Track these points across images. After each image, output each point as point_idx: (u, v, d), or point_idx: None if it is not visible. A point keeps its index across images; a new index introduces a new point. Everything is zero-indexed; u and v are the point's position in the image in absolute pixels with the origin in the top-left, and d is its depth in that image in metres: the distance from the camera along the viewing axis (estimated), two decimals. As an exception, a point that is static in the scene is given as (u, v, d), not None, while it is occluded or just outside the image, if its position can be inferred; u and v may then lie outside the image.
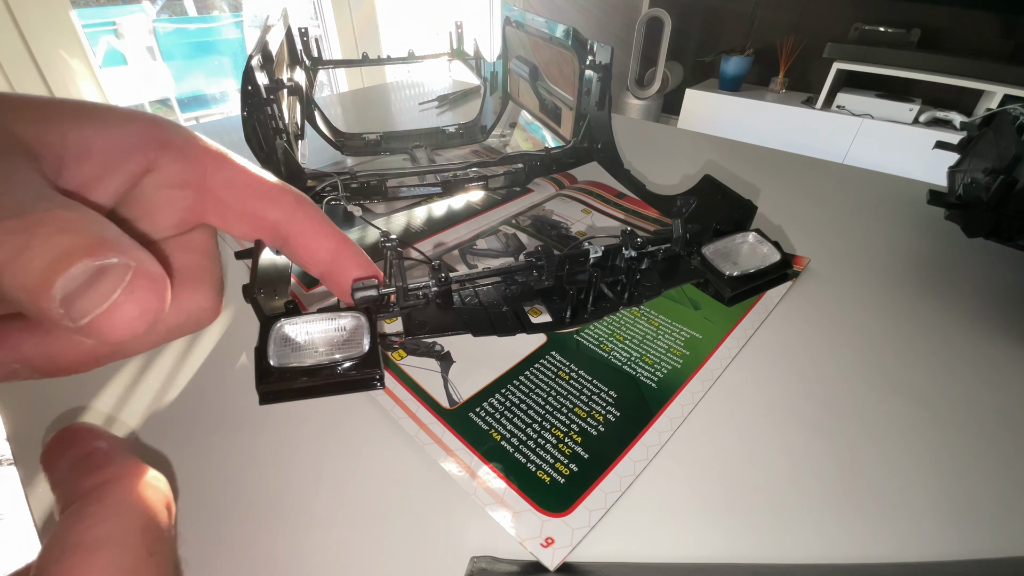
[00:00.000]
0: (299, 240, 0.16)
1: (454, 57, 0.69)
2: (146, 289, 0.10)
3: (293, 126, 0.48)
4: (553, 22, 0.47)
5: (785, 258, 0.27)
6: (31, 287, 0.09)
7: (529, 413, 0.26)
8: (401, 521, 0.22)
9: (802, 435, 0.26)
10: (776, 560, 0.21)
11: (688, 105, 2.14)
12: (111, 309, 0.09)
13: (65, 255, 0.09)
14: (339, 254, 0.16)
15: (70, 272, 0.09)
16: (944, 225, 0.45)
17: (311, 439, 0.25)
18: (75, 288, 0.09)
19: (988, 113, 0.42)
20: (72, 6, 1.11)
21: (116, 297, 0.09)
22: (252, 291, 0.16)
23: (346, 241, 0.17)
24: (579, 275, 0.24)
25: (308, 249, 0.16)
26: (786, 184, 0.54)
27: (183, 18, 1.62)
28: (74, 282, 0.09)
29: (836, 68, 1.82)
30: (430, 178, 0.45)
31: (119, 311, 0.09)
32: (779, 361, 0.30)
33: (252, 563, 0.20)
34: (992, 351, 0.31)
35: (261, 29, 0.44)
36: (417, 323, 0.20)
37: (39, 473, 0.23)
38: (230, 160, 0.15)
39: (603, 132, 0.46)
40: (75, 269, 0.09)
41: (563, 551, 0.20)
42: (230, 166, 0.14)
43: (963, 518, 0.22)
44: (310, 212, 0.16)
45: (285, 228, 0.15)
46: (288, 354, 0.16)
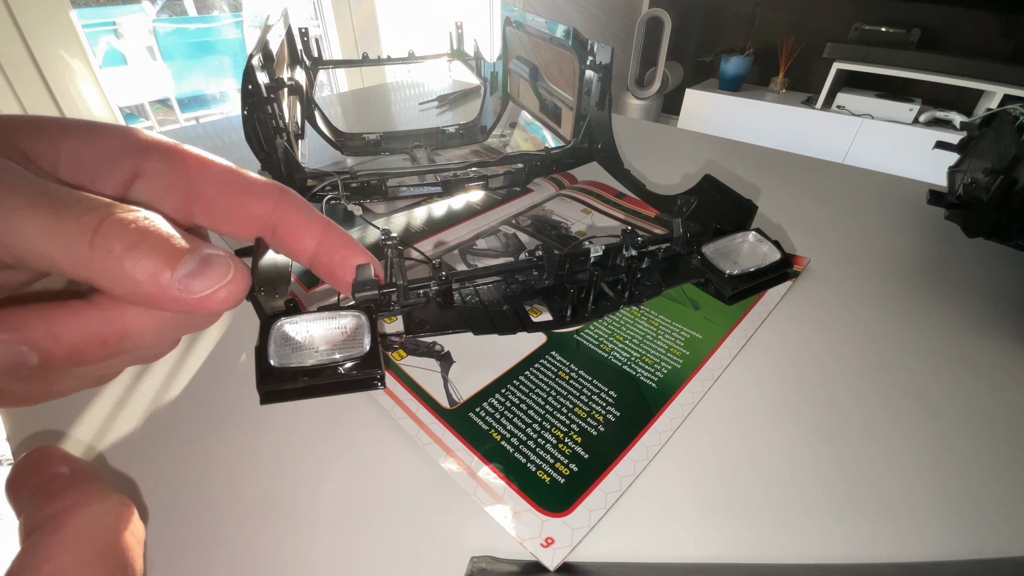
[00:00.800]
0: (284, 230, 0.16)
1: (454, 57, 0.69)
2: (240, 271, 0.13)
3: (293, 126, 0.48)
4: (553, 22, 0.47)
5: (785, 257, 0.27)
6: (155, 270, 0.11)
7: (529, 413, 0.26)
8: (401, 521, 0.22)
9: (802, 435, 0.26)
10: (776, 560, 0.21)
11: (688, 105, 2.14)
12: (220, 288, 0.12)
13: (184, 246, 0.12)
14: (325, 239, 0.16)
15: (185, 260, 0.12)
16: (944, 225, 0.45)
17: (311, 439, 0.25)
18: (192, 271, 0.12)
19: (988, 113, 0.42)
20: (72, 6, 1.11)
21: (229, 278, 0.12)
22: (252, 290, 0.16)
23: (331, 226, 0.17)
24: (579, 274, 0.24)
25: (294, 237, 0.16)
26: (786, 184, 0.54)
27: (183, 18, 1.62)
28: (190, 267, 0.12)
29: (836, 68, 1.82)
30: (430, 178, 0.45)
31: (224, 289, 0.12)
32: (779, 361, 0.30)
33: (252, 563, 0.20)
34: (992, 351, 0.31)
35: (261, 29, 0.44)
36: (418, 322, 0.20)
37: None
38: (211, 161, 0.15)
39: (603, 132, 0.46)
40: (189, 256, 0.12)
41: (563, 551, 0.20)
42: (211, 166, 0.15)
43: (963, 518, 0.22)
44: (293, 202, 0.16)
45: (271, 220, 0.16)
46: (289, 354, 0.16)
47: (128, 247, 0.11)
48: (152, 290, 0.11)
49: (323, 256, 0.17)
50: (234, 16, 1.72)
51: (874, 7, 1.85)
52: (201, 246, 0.12)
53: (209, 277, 0.12)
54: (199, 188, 0.15)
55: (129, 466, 0.24)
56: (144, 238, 0.11)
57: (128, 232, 0.11)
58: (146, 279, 0.11)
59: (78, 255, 0.11)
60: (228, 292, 0.12)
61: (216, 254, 0.12)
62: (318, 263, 0.17)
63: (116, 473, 0.24)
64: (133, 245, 0.11)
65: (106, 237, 0.11)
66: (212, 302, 0.12)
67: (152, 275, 0.11)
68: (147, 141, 0.14)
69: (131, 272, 0.11)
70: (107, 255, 0.11)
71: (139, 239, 0.11)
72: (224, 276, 0.12)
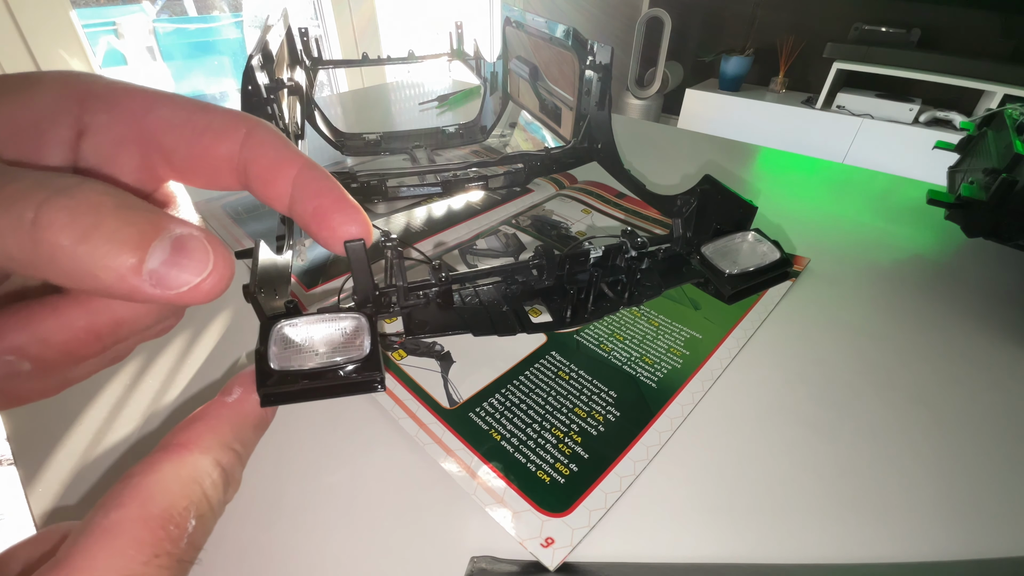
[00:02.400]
0: (254, 172, 0.13)
1: (454, 57, 0.69)
2: (222, 255, 0.11)
3: (293, 126, 0.48)
4: (553, 22, 0.47)
5: (785, 256, 0.27)
6: (117, 265, 0.09)
7: (529, 413, 0.26)
8: (401, 521, 0.22)
9: (802, 435, 0.26)
10: (776, 560, 0.21)
11: (688, 105, 2.14)
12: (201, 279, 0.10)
13: (151, 229, 0.10)
14: (302, 180, 0.13)
15: (154, 246, 0.10)
16: (944, 225, 0.45)
17: (311, 439, 0.25)
18: (165, 261, 0.10)
19: (988, 113, 0.42)
20: (72, 6, 1.11)
21: (211, 268, 0.10)
22: (252, 290, 0.16)
23: (307, 167, 0.14)
24: (579, 275, 0.24)
25: (265, 182, 0.13)
26: (786, 184, 0.54)
27: (183, 18, 1.62)
28: (160, 256, 0.10)
29: (836, 68, 1.82)
30: (430, 178, 0.45)
31: (208, 280, 0.10)
32: (779, 361, 0.30)
33: (252, 563, 0.20)
34: (992, 351, 0.31)
35: (261, 29, 0.44)
36: (417, 323, 0.20)
37: (39, 473, 0.23)
38: (161, 99, 0.12)
39: (603, 132, 0.46)
40: (158, 242, 0.10)
41: (563, 551, 0.20)
42: (164, 105, 0.12)
43: (963, 518, 0.22)
44: (262, 138, 0.13)
45: (239, 163, 0.13)
46: (289, 357, 0.16)
47: (78, 238, 0.09)
48: (121, 289, 0.09)
49: (297, 207, 0.14)
50: (234, 16, 1.72)
51: (874, 7, 1.85)
52: (169, 225, 0.10)
53: (186, 268, 0.10)
54: (154, 136, 0.12)
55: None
56: (96, 224, 0.09)
57: (74, 218, 0.09)
58: (109, 277, 0.09)
59: (22, 253, 0.09)
60: (213, 283, 0.10)
61: (189, 234, 0.10)
62: (299, 215, 0.14)
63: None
64: (84, 235, 0.09)
65: (48, 229, 0.09)
66: (197, 295, 0.10)
67: (115, 271, 0.09)
68: (84, 88, 0.12)
69: (89, 269, 0.09)
70: (56, 251, 0.09)
71: (90, 226, 0.09)
72: (204, 263, 0.10)
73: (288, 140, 0.14)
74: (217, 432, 0.12)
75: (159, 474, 0.11)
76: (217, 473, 0.12)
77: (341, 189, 0.14)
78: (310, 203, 0.13)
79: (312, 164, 0.14)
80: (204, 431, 0.12)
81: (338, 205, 0.13)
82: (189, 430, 0.12)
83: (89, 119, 0.12)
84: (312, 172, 0.13)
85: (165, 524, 0.10)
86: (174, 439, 0.12)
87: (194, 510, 0.11)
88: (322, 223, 0.13)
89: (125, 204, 0.10)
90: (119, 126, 0.12)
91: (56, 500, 0.22)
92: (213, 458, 0.12)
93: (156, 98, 0.12)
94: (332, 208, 0.13)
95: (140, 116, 0.12)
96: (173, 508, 0.11)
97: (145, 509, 0.10)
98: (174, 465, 0.11)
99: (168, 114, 0.12)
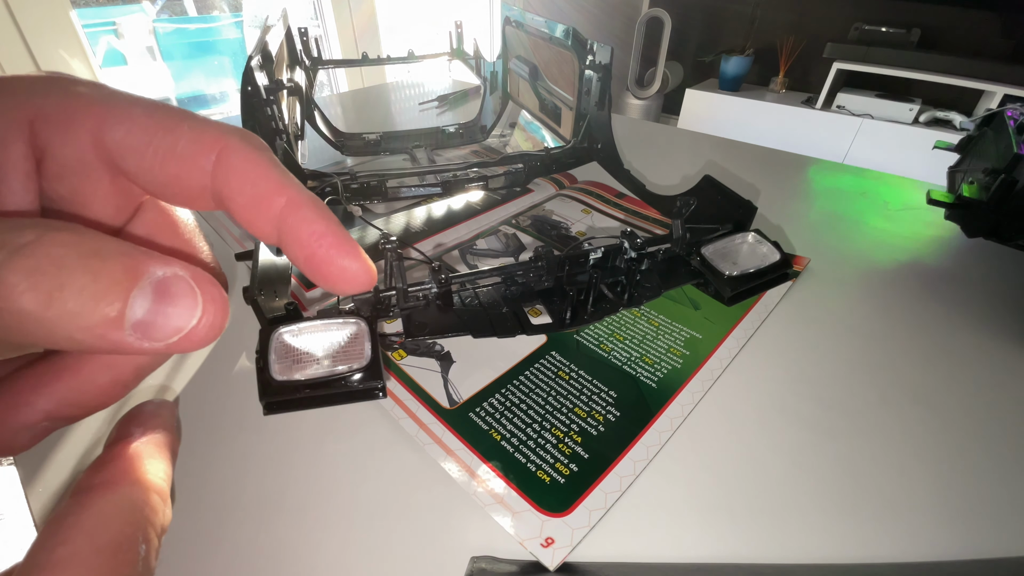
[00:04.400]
0: (232, 208, 0.11)
1: (454, 57, 0.69)
2: (212, 297, 0.10)
3: (293, 126, 0.48)
4: (553, 22, 0.47)
5: (785, 258, 0.27)
6: (94, 324, 0.08)
7: (529, 413, 0.26)
8: (401, 521, 0.22)
9: (802, 435, 0.26)
10: (776, 560, 0.21)
11: (688, 105, 2.14)
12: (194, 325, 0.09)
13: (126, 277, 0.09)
14: (291, 224, 0.11)
15: (134, 296, 0.09)
16: (944, 225, 0.45)
17: (311, 440, 0.25)
18: (149, 310, 0.09)
19: (988, 113, 0.42)
20: (72, 6, 1.11)
21: (199, 314, 0.09)
22: (252, 293, 0.16)
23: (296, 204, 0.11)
24: (579, 276, 0.24)
25: (245, 220, 0.12)
26: (786, 184, 0.54)
27: (183, 18, 1.62)
28: (143, 306, 0.09)
29: (836, 68, 1.82)
30: (430, 178, 0.45)
31: (200, 328, 0.10)
32: (779, 361, 0.30)
33: (252, 563, 0.20)
34: (992, 351, 0.31)
35: (261, 29, 0.44)
36: (417, 324, 0.20)
37: (39, 473, 0.23)
38: (120, 117, 0.11)
39: (603, 132, 0.46)
40: (137, 291, 0.09)
41: (563, 551, 0.20)
42: (119, 125, 0.10)
43: (963, 518, 0.22)
44: (238, 166, 0.11)
45: (214, 193, 0.11)
46: (290, 365, 0.16)
47: (43, 303, 0.08)
48: (105, 346, 0.09)
49: (288, 250, 0.12)
50: (234, 16, 1.72)
51: (874, 7, 1.85)
52: (148, 267, 0.09)
53: (172, 317, 0.09)
54: (114, 161, 0.11)
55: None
56: (61, 284, 0.08)
57: (35, 282, 0.08)
58: (89, 338, 0.08)
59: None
60: (206, 329, 0.10)
61: (173, 275, 0.09)
62: (286, 254, 0.12)
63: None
64: (49, 299, 0.08)
65: (8, 299, 0.08)
66: (190, 343, 0.10)
67: (92, 331, 0.08)
68: (33, 108, 0.10)
69: (64, 334, 0.08)
70: (23, 320, 0.08)
71: (54, 287, 0.08)
72: (192, 307, 0.09)
73: (270, 162, 0.11)
74: (137, 467, 0.12)
75: (95, 509, 0.10)
76: (152, 500, 0.11)
77: (336, 231, 0.12)
78: (300, 251, 0.11)
79: (299, 200, 0.11)
80: (126, 468, 0.11)
81: (335, 253, 0.12)
82: (105, 471, 0.11)
83: (45, 141, 0.10)
84: (300, 212, 0.11)
85: (116, 552, 0.10)
86: (93, 480, 0.11)
87: (141, 535, 0.10)
88: (317, 274, 0.12)
89: (93, 252, 0.08)
90: (78, 150, 0.11)
91: (56, 500, 0.22)
92: (143, 488, 0.11)
93: (112, 115, 0.10)
94: (328, 260, 0.12)
95: (97, 136, 0.11)
96: (121, 535, 0.10)
97: (93, 541, 0.10)
98: (107, 500, 0.10)
99: (123, 137, 0.11)
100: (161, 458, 0.13)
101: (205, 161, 0.11)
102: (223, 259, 0.35)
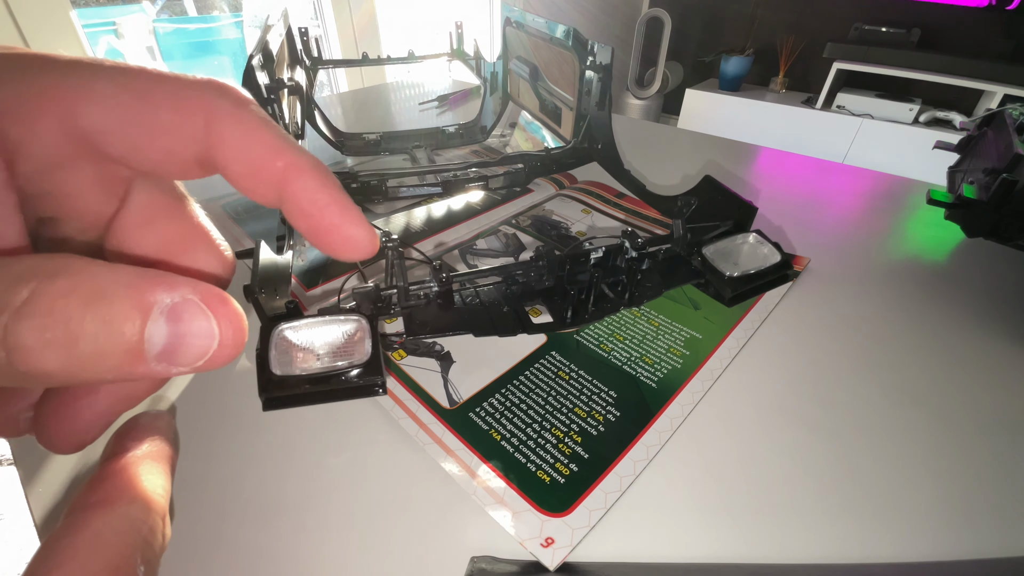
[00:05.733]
0: (230, 175, 0.11)
1: (454, 57, 0.69)
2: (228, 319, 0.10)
3: (293, 126, 0.48)
4: (553, 22, 0.47)
5: (785, 258, 0.27)
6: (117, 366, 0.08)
7: (529, 413, 0.26)
8: (401, 521, 0.22)
9: (802, 435, 0.26)
10: (776, 560, 0.21)
11: (688, 105, 2.14)
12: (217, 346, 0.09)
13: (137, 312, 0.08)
14: (293, 191, 0.11)
15: (149, 332, 0.08)
16: (944, 225, 0.45)
17: (311, 439, 0.25)
18: (167, 340, 0.09)
19: (988, 113, 0.42)
20: (72, 6, 1.11)
21: (218, 335, 0.09)
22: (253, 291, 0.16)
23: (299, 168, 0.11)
24: (580, 275, 0.24)
25: (245, 187, 0.11)
26: (786, 184, 0.54)
27: (183, 18, 1.62)
28: (161, 337, 0.09)
29: (836, 68, 1.82)
30: (430, 178, 0.45)
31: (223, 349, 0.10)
32: (779, 361, 0.30)
33: (252, 563, 0.20)
34: (992, 351, 0.31)
35: (261, 29, 0.44)
36: (418, 323, 0.20)
37: (39, 473, 0.23)
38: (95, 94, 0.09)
39: (603, 132, 0.46)
40: (151, 325, 0.09)
41: (563, 551, 0.20)
42: (94, 105, 0.09)
43: (963, 518, 0.22)
44: (233, 119, 0.10)
45: (208, 160, 0.11)
46: (290, 361, 0.16)
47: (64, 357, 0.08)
48: (136, 376, 0.09)
49: (291, 218, 0.12)
50: (234, 16, 1.72)
51: (874, 7, 1.85)
52: (156, 294, 0.09)
53: (192, 345, 0.09)
54: (95, 147, 0.10)
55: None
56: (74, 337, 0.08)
57: (47, 341, 0.08)
58: (118, 375, 0.09)
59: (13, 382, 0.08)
60: (228, 349, 0.10)
61: (182, 299, 0.09)
62: (287, 218, 0.12)
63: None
64: (68, 350, 0.08)
65: (27, 363, 0.08)
66: (216, 363, 0.10)
67: (118, 371, 0.08)
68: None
69: (92, 378, 0.08)
70: (48, 377, 0.08)
71: (70, 338, 0.08)
72: (209, 332, 0.09)
73: (262, 122, 0.11)
74: (135, 484, 0.11)
75: (91, 530, 0.10)
76: (151, 518, 0.11)
77: (339, 199, 0.12)
78: (304, 221, 0.11)
79: (298, 164, 0.11)
80: (123, 486, 0.11)
81: (340, 221, 0.11)
82: (101, 489, 0.11)
83: (12, 140, 0.09)
84: (301, 180, 0.11)
85: (114, 574, 0.10)
86: (90, 499, 0.11)
87: (140, 556, 0.10)
88: (321, 243, 0.12)
89: (96, 295, 0.08)
90: (50, 143, 0.10)
91: (56, 500, 0.22)
92: (141, 506, 0.11)
93: (78, 97, 0.09)
94: (331, 229, 0.11)
95: (68, 124, 0.09)
96: (119, 558, 0.10)
97: (89, 565, 0.09)
98: (104, 520, 0.10)
99: (97, 120, 0.09)
100: (160, 473, 0.12)
101: (192, 129, 0.10)
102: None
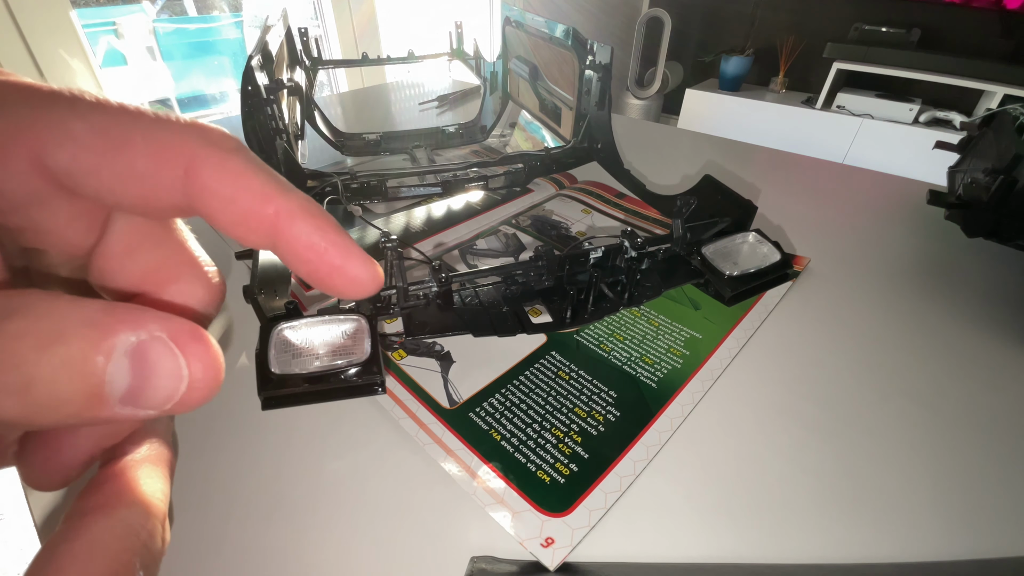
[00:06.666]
0: (216, 219, 0.10)
1: (454, 57, 0.69)
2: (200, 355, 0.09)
3: (293, 126, 0.48)
4: (553, 22, 0.47)
5: (785, 258, 0.27)
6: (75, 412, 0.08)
7: (529, 413, 0.26)
8: (401, 521, 0.22)
9: (802, 435, 0.26)
10: (776, 560, 0.21)
11: (688, 105, 2.14)
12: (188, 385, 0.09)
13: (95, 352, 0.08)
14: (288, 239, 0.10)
15: (110, 373, 0.08)
16: (944, 225, 0.45)
17: (311, 439, 0.25)
18: (131, 383, 0.08)
19: (988, 113, 0.42)
20: (72, 6, 1.11)
21: (186, 377, 0.09)
22: (252, 292, 0.16)
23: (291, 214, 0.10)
24: (579, 275, 0.24)
25: (232, 228, 0.10)
26: (786, 184, 0.54)
27: (183, 18, 1.62)
28: (123, 379, 0.08)
29: (836, 68, 1.82)
30: (430, 178, 0.45)
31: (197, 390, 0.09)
32: (779, 361, 0.30)
33: (252, 563, 0.20)
34: (992, 351, 0.31)
35: (261, 29, 0.44)
36: (418, 323, 0.20)
37: (39, 473, 0.23)
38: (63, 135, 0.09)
39: (603, 132, 0.46)
40: (112, 367, 0.08)
41: (563, 551, 0.20)
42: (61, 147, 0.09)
43: (963, 518, 0.22)
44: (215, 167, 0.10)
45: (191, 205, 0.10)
46: (289, 360, 0.16)
47: (20, 403, 0.07)
48: (100, 421, 0.08)
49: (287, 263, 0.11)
50: (234, 16, 1.72)
51: (874, 7, 1.85)
52: (117, 332, 0.08)
53: (158, 388, 0.09)
54: (70, 187, 0.10)
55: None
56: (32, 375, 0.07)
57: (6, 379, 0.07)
58: (81, 420, 0.08)
59: None
60: (199, 392, 0.09)
61: (148, 338, 0.08)
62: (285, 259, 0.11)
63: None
64: (24, 396, 0.07)
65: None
66: (185, 406, 0.09)
67: (78, 416, 0.08)
68: None
69: (53, 422, 0.08)
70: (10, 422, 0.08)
71: (23, 383, 0.07)
72: (177, 373, 0.09)
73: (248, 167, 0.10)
74: (133, 488, 0.11)
75: (89, 536, 0.10)
76: (150, 523, 0.11)
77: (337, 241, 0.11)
78: (301, 267, 0.11)
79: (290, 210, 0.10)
80: (121, 490, 0.11)
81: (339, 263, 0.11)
82: (99, 494, 0.11)
83: None
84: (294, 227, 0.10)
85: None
86: (87, 504, 0.10)
87: (139, 561, 0.10)
88: (322, 286, 0.11)
89: (52, 336, 0.08)
90: (21, 182, 0.09)
91: (56, 500, 0.22)
92: (140, 510, 0.11)
93: (49, 138, 0.09)
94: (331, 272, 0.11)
95: (39, 164, 0.09)
96: (117, 563, 0.10)
97: (88, 571, 0.09)
98: (102, 525, 0.10)
99: (69, 163, 0.09)
100: (158, 476, 0.12)
101: (171, 178, 0.10)
102: (222, 258, 0.35)
